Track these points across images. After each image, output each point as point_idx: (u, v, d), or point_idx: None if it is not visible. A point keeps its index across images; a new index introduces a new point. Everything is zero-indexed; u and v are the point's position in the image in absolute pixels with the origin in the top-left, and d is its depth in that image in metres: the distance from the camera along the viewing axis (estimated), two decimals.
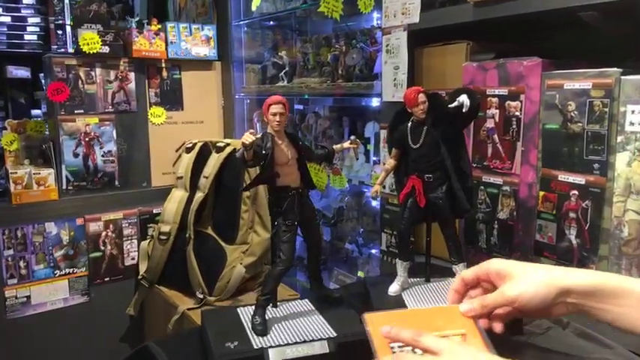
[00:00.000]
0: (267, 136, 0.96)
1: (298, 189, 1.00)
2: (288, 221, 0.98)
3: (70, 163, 2.12)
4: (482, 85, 1.35)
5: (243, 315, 1.02)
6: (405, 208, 1.11)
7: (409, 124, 1.11)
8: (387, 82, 1.58)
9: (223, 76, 2.48)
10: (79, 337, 2.14)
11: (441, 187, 1.09)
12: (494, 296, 0.74)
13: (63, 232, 2.11)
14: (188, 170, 2.14)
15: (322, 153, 1.06)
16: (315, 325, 0.97)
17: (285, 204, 0.98)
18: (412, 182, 1.09)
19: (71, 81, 2.11)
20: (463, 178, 1.06)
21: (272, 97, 0.98)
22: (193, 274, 1.98)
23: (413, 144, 1.09)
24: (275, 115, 0.96)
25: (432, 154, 1.08)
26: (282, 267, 0.98)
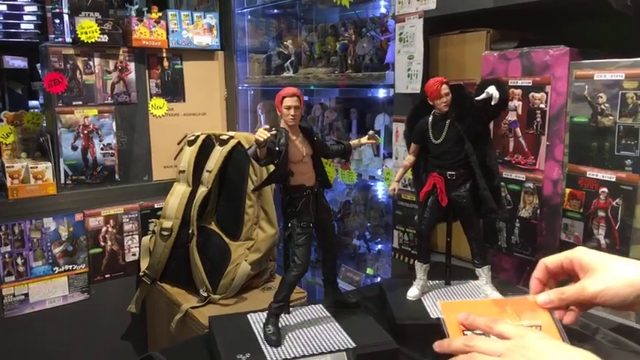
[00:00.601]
0: (281, 131, 0.89)
1: (313, 188, 0.93)
2: (303, 223, 0.91)
3: (68, 157, 2.05)
4: (503, 75, 1.28)
5: (253, 322, 0.95)
6: (425, 207, 1.04)
7: (430, 118, 1.03)
8: (401, 73, 1.51)
9: (226, 67, 2.40)
10: (79, 336, 2.08)
11: (465, 185, 1.02)
12: (574, 290, 0.71)
13: (62, 227, 2.04)
14: (190, 164, 2.08)
15: (338, 149, 0.99)
16: (332, 334, 0.90)
17: (300, 204, 0.91)
18: (433, 180, 1.02)
19: (69, 71, 2.03)
20: (489, 175, 0.99)
21: (286, 88, 0.91)
22: (197, 272, 1.92)
23: (434, 139, 1.02)
24: (289, 108, 0.89)
25: (456, 150, 1.00)
26: (296, 272, 0.91)
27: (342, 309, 0.99)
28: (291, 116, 0.89)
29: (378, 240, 2.26)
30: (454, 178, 1.01)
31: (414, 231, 1.54)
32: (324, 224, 0.96)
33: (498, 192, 1.00)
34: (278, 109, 0.91)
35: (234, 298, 1.90)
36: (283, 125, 0.91)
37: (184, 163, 2.09)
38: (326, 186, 0.97)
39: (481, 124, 0.99)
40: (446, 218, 1.08)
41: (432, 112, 1.03)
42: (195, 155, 2.08)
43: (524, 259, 1.27)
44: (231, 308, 1.84)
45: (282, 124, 0.91)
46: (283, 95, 0.90)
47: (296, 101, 0.89)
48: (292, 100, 0.89)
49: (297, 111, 0.89)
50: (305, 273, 0.92)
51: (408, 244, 1.55)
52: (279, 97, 0.90)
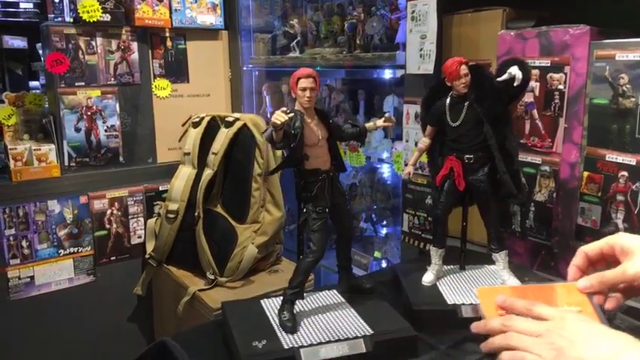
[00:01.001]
0: (296, 113, 0.86)
1: (329, 172, 0.91)
2: (318, 208, 0.88)
3: (71, 139, 2.02)
4: (520, 55, 1.24)
5: (267, 308, 0.94)
6: (441, 191, 1.01)
7: (448, 100, 1.00)
8: (412, 53, 1.47)
9: (230, 47, 2.35)
10: (85, 318, 2.07)
11: (483, 169, 0.99)
12: (615, 273, 0.70)
13: (66, 210, 2.02)
14: (196, 146, 2.05)
15: (354, 131, 0.96)
16: (348, 320, 0.89)
17: (315, 189, 0.88)
18: (450, 164, 1.00)
19: (71, 51, 1.99)
20: (508, 159, 0.97)
21: (301, 69, 0.88)
22: (203, 255, 1.91)
23: (452, 122, 0.99)
24: (305, 90, 0.86)
25: (474, 133, 0.98)
26: (312, 258, 0.89)
27: (356, 294, 0.97)
28: (306, 98, 0.86)
29: (384, 223, 2.25)
30: (472, 162, 0.99)
31: (424, 214, 1.52)
32: (339, 209, 0.94)
33: (518, 176, 0.97)
34: (292, 91, 0.88)
35: (241, 280, 1.89)
36: (298, 107, 0.88)
37: (189, 146, 2.06)
38: (341, 170, 0.94)
39: (501, 105, 0.96)
40: (462, 202, 1.06)
41: (450, 94, 1.00)
42: (201, 137, 2.05)
43: (539, 244, 1.26)
44: (238, 291, 1.83)
45: (297, 106, 0.88)
46: (298, 76, 0.87)
47: (312, 82, 0.86)
48: (308, 81, 0.86)
49: (313, 93, 0.87)
50: (321, 259, 0.90)
51: (419, 227, 1.53)
52: (294, 77, 0.87)
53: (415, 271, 1.08)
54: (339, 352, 0.80)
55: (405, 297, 0.98)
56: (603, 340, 0.59)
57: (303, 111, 0.87)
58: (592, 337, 0.60)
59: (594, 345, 0.59)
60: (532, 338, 0.62)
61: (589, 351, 0.58)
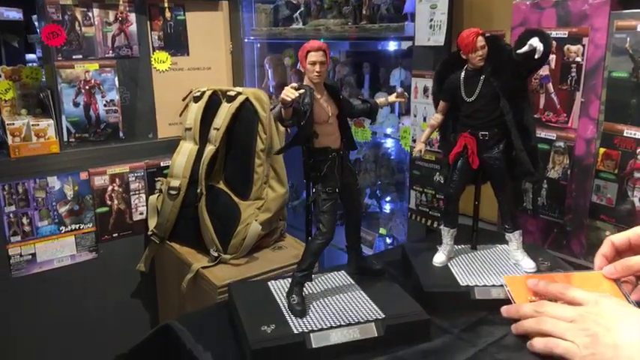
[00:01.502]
0: (305, 89, 0.81)
1: (339, 150, 0.87)
2: (328, 188, 0.85)
3: (70, 114, 1.97)
4: (536, 26, 1.19)
5: (275, 290, 0.91)
6: (454, 169, 0.98)
7: (462, 74, 0.95)
8: (422, 24, 1.41)
9: (231, 17, 2.27)
10: (88, 294, 2.07)
11: (498, 146, 0.95)
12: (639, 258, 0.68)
13: (67, 186, 1.99)
14: (197, 121, 2.00)
15: (364, 108, 0.92)
16: (359, 303, 0.86)
17: (325, 168, 0.84)
18: (464, 141, 0.96)
19: (67, 23, 1.93)
20: (526, 136, 0.93)
21: (311, 42, 0.83)
22: (206, 231, 1.88)
23: (467, 97, 0.95)
24: (314, 64, 0.81)
25: (490, 109, 0.93)
26: (322, 240, 0.86)
27: (366, 276, 0.95)
28: (316, 73, 0.81)
29: (388, 198, 2.22)
30: (487, 139, 0.95)
31: (432, 191, 1.48)
32: (349, 188, 0.90)
33: (535, 153, 0.93)
34: (302, 65, 0.83)
35: (245, 257, 1.87)
36: (307, 82, 0.83)
37: (190, 121, 2.02)
38: (352, 148, 0.90)
39: (519, 79, 0.91)
40: (474, 180, 1.02)
41: (465, 67, 0.95)
42: (202, 112, 2.01)
43: (552, 222, 1.23)
44: (242, 268, 1.81)
45: (306, 80, 0.84)
46: (308, 49, 0.82)
47: (322, 56, 0.82)
48: (318, 54, 0.81)
49: (323, 67, 0.82)
50: (330, 241, 0.87)
51: (426, 204, 1.50)
52: (303, 50, 0.83)
53: (425, 250, 1.05)
54: (350, 337, 0.78)
55: (415, 279, 0.95)
56: (637, 326, 0.57)
57: (312, 86, 0.83)
58: (627, 322, 0.58)
59: (628, 331, 0.56)
60: (566, 323, 0.60)
61: (623, 337, 0.56)
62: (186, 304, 1.90)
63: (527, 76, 0.93)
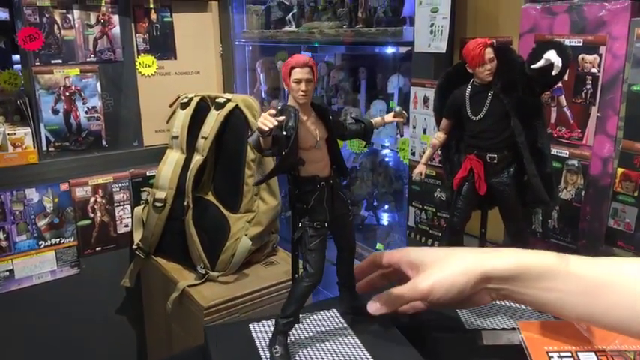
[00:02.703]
0: (289, 110, 0.71)
1: (328, 179, 0.76)
2: (316, 223, 0.74)
3: (49, 122, 1.86)
4: (547, 33, 1.09)
5: (257, 335, 0.81)
6: (459, 196, 0.87)
7: (468, 89, 0.85)
8: (422, 28, 1.31)
9: (221, 19, 2.17)
10: (71, 312, 1.96)
11: (507, 171, 0.85)
12: (405, 289, 0.70)
13: (46, 199, 1.88)
14: (184, 129, 1.90)
15: (358, 129, 0.81)
16: (349, 350, 0.76)
17: (313, 200, 0.74)
18: (470, 164, 0.85)
19: (45, 26, 1.82)
20: (540, 160, 0.82)
21: (295, 57, 0.72)
22: (193, 247, 1.78)
23: (473, 115, 0.84)
24: (299, 82, 0.71)
25: (499, 129, 0.83)
26: (308, 283, 0.75)
27: (360, 316, 0.84)
28: (301, 92, 0.71)
29: (386, 208, 2.12)
30: (495, 162, 0.84)
31: (432, 209, 1.38)
32: (341, 221, 0.79)
33: (550, 180, 0.83)
34: (285, 83, 0.73)
35: (235, 274, 1.76)
36: (291, 103, 0.73)
37: (177, 129, 1.91)
38: (343, 175, 0.80)
39: (532, 96, 0.81)
40: (481, 206, 0.92)
41: (471, 82, 0.85)
42: (189, 120, 1.90)
43: (563, 247, 1.12)
44: (231, 286, 1.71)
45: (290, 100, 0.73)
46: (292, 65, 0.71)
47: (308, 73, 0.71)
48: (304, 71, 0.71)
49: (310, 85, 0.71)
50: (319, 282, 0.76)
51: (426, 223, 1.40)
52: (286, 66, 0.72)
53: None
54: None
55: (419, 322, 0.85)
56: None
57: (297, 107, 0.72)
58: None
59: None
60: None
61: None
62: (172, 324, 1.80)
63: (540, 93, 0.82)
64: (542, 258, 0.66)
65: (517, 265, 0.65)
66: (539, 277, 0.64)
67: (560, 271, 0.64)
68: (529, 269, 0.65)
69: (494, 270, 0.66)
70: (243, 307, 1.66)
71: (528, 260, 0.66)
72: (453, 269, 0.66)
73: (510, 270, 0.65)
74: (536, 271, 0.65)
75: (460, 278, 0.65)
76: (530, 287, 0.65)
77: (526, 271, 0.65)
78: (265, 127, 0.65)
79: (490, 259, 0.66)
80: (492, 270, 0.66)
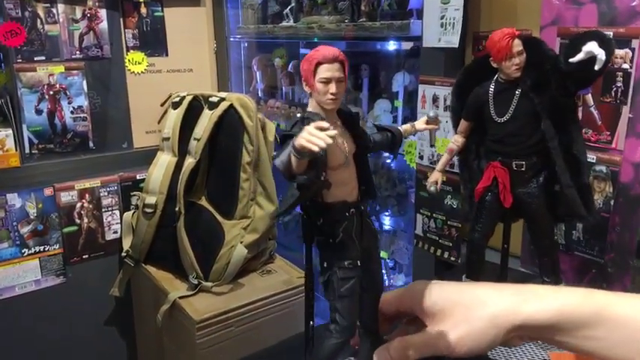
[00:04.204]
0: (314, 120, 0.57)
1: (358, 204, 0.62)
2: (347, 262, 0.60)
3: (32, 122, 1.76)
4: (572, 25, 0.98)
5: None
6: (481, 208, 0.77)
7: (492, 86, 0.75)
8: (431, 21, 1.20)
9: (215, 14, 2.07)
10: (57, 323, 1.86)
11: (537, 179, 0.75)
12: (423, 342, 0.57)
13: (29, 204, 1.77)
14: (176, 130, 1.79)
15: (384, 139, 0.67)
16: None
17: (341, 232, 0.61)
18: (493, 172, 0.75)
19: (28, 20, 1.71)
20: (575, 169, 0.72)
21: (320, 50, 0.59)
22: (185, 256, 1.68)
23: (497, 116, 0.74)
24: (328, 82, 0.57)
25: (527, 132, 0.73)
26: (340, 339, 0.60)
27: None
28: (331, 96, 0.57)
29: (388, 212, 2.02)
30: (523, 170, 0.74)
31: (442, 217, 1.28)
32: (368, 254, 0.65)
33: (588, 191, 0.73)
34: (307, 83, 0.59)
35: (229, 284, 1.66)
36: (314, 108, 0.60)
37: (168, 130, 1.81)
38: (372, 197, 0.66)
39: (566, 95, 0.71)
40: (503, 218, 0.82)
41: (495, 78, 0.74)
42: (181, 120, 1.80)
43: (589, 261, 1.02)
44: (225, 298, 1.61)
45: (312, 106, 0.60)
46: (318, 60, 0.57)
47: (339, 70, 0.57)
48: (333, 68, 0.57)
49: (341, 86, 0.58)
50: (352, 337, 0.63)
51: (435, 232, 1.30)
52: (309, 62, 0.59)
53: None
54: None
55: None
56: None
57: (323, 114, 0.59)
58: None
59: None
60: None
61: None
62: (163, 338, 1.69)
63: (575, 91, 0.72)
64: (585, 301, 0.55)
65: (557, 313, 0.55)
66: (582, 326, 0.54)
67: (606, 317, 0.54)
68: (571, 316, 0.55)
69: (530, 319, 0.55)
70: (238, 320, 1.56)
71: (570, 306, 0.55)
72: (481, 320, 0.55)
73: (549, 319, 0.55)
74: (578, 319, 0.55)
75: (490, 331, 0.55)
76: (572, 336, 0.55)
77: (567, 319, 0.55)
78: (316, 147, 0.49)
79: (525, 306, 0.55)
80: (528, 319, 0.55)
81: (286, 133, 0.54)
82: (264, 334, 1.60)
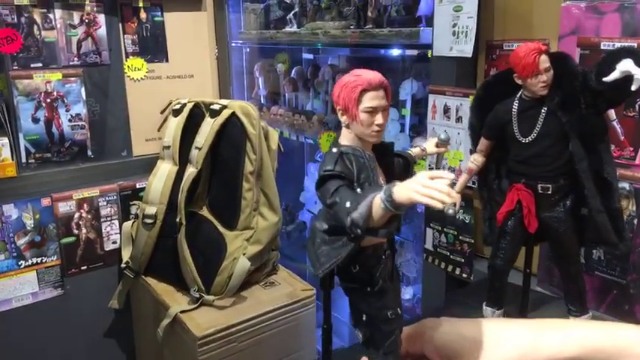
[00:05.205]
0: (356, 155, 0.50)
1: (391, 245, 0.57)
2: (390, 312, 0.55)
3: (29, 131, 1.71)
4: (593, 35, 0.94)
5: None
6: (503, 233, 0.72)
7: (515, 104, 0.70)
8: (443, 29, 1.16)
9: (216, 18, 2.02)
10: (54, 337, 1.81)
11: (563, 203, 0.70)
12: None
13: (25, 215, 1.73)
14: (176, 139, 1.75)
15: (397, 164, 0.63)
16: None
17: (380, 279, 0.55)
18: (517, 195, 0.71)
19: (24, 26, 1.67)
20: (606, 193, 0.67)
21: (363, 73, 0.53)
22: (186, 268, 1.63)
23: (521, 135, 0.70)
24: (374, 112, 0.52)
25: (554, 153, 0.69)
26: None
27: None
28: (377, 128, 0.52)
29: None
30: (549, 193, 0.70)
31: (454, 232, 1.23)
32: None
33: (619, 216, 0.69)
34: (347, 113, 0.53)
35: (232, 298, 1.61)
36: (350, 142, 0.54)
37: (169, 138, 1.76)
38: (398, 231, 0.61)
39: (595, 114, 0.66)
40: (526, 241, 0.77)
41: (519, 95, 0.70)
42: (182, 128, 1.75)
43: (610, 281, 0.98)
44: (228, 312, 1.56)
45: (349, 138, 0.54)
46: (364, 87, 0.52)
47: (384, 98, 0.53)
48: (379, 95, 0.52)
49: (385, 116, 0.53)
50: None
51: (446, 247, 1.25)
52: (352, 89, 0.52)
53: None
54: None
55: None
56: None
57: (360, 147, 0.54)
58: None
59: None
60: None
61: None
62: (164, 353, 1.65)
63: (605, 110, 0.68)
64: (609, 338, 0.51)
65: (580, 351, 0.51)
66: None
67: (632, 355, 0.50)
68: (594, 354, 0.51)
69: (553, 357, 0.51)
70: (241, 335, 1.51)
71: (593, 343, 0.51)
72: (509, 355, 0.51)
73: (572, 358, 0.51)
74: (601, 357, 0.51)
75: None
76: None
77: (591, 357, 0.51)
78: (440, 205, 0.44)
79: (546, 345, 0.51)
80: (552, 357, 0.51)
81: (332, 173, 0.49)
82: (268, 350, 1.55)
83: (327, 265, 0.53)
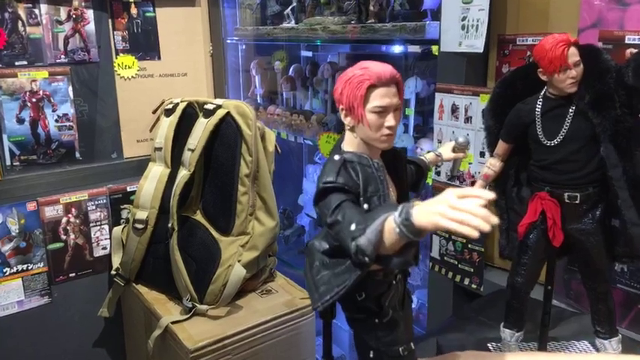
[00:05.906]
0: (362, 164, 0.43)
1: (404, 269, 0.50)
2: (402, 347, 0.47)
3: (13, 132, 1.64)
4: (616, 28, 0.86)
5: None
6: (524, 247, 0.65)
7: (539, 103, 0.63)
8: (451, 23, 1.08)
9: (211, 14, 1.96)
10: (41, 347, 1.75)
11: (592, 214, 0.63)
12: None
13: (10, 220, 1.65)
14: (168, 140, 1.68)
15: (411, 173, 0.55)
16: None
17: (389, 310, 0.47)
18: (541, 205, 0.63)
19: (8, 22, 1.60)
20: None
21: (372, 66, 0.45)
22: (179, 276, 1.56)
23: (546, 138, 0.62)
24: (384, 112, 0.44)
25: (583, 158, 0.61)
26: None
27: None
28: (387, 131, 0.45)
29: None
30: (577, 202, 0.62)
31: (462, 240, 1.16)
32: None
33: None
34: (351, 113, 0.46)
35: (226, 307, 1.54)
36: (356, 148, 0.46)
37: (161, 139, 1.69)
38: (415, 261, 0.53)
39: (630, 115, 0.59)
40: (550, 257, 0.69)
41: (543, 93, 0.62)
42: (175, 129, 1.68)
43: (634, 295, 0.90)
44: (222, 322, 1.49)
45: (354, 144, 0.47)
46: (372, 82, 0.44)
47: (396, 94, 0.45)
48: (390, 92, 0.44)
49: (398, 117, 0.45)
50: None
51: (454, 255, 1.18)
52: (357, 84, 0.45)
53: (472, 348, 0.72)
54: None
55: None
56: None
57: (367, 154, 0.46)
58: None
59: None
60: None
61: None
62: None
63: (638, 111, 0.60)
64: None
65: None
66: None
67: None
68: None
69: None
70: (236, 347, 1.45)
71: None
72: None
73: None
74: None
75: None
76: None
77: None
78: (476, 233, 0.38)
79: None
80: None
81: (334, 186, 0.41)
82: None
83: (328, 297, 0.45)
